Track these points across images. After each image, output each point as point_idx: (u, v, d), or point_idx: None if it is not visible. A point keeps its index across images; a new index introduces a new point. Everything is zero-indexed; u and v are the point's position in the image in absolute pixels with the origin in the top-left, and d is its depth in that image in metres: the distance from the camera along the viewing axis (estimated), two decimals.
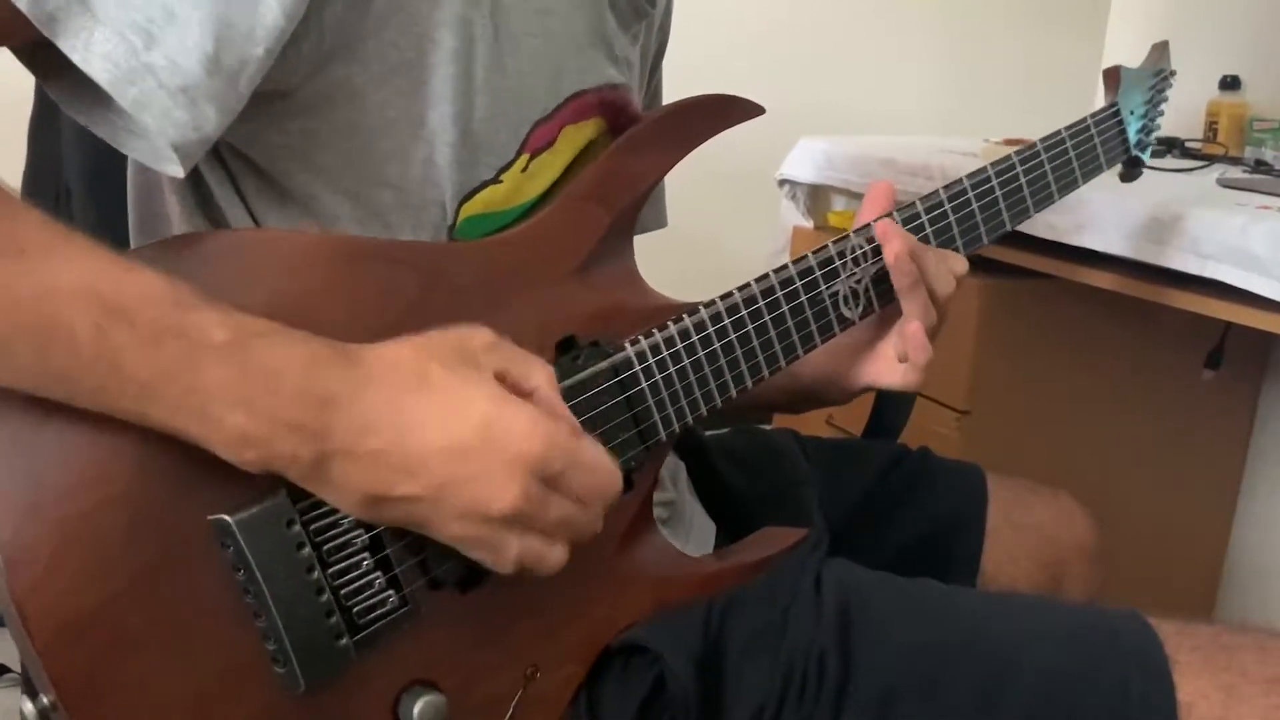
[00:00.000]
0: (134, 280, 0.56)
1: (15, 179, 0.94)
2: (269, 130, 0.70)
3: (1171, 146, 1.81)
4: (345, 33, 0.67)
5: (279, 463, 0.57)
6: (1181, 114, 1.15)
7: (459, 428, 0.59)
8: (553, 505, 0.61)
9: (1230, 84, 1.99)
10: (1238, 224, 1.20)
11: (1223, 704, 0.74)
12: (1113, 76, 1.07)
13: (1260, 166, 1.70)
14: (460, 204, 0.74)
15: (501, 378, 0.62)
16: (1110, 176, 1.03)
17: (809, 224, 1.98)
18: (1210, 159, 1.76)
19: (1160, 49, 1.15)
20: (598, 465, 0.63)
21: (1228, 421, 1.88)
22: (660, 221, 0.97)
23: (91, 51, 0.58)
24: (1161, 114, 1.13)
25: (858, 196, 1.87)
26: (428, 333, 0.62)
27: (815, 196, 1.98)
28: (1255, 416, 1.89)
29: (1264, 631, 0.79)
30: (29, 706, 0.57)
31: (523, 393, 0.62)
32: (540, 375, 0.63)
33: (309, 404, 0.57)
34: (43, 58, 0.60)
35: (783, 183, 1.99)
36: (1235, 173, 1.65)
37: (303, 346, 0.58)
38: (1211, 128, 1.96)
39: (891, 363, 0.88)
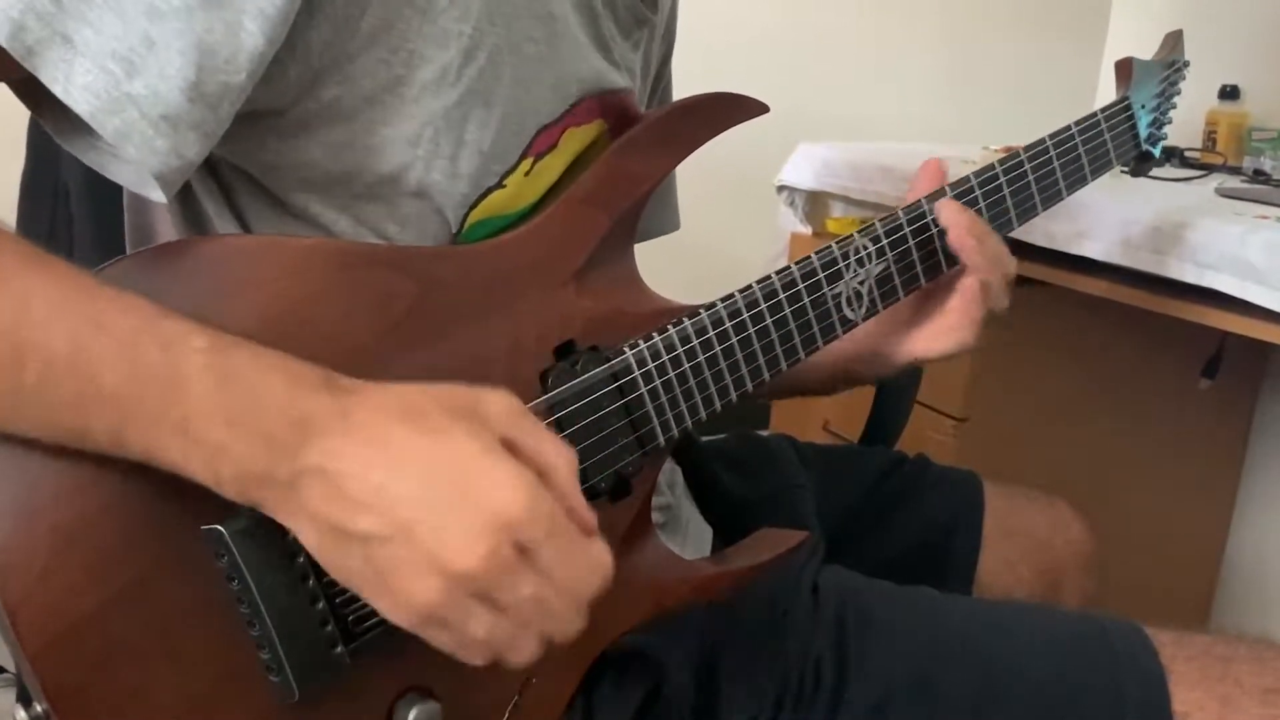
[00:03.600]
0: (111, 293, 0.56)
1: (14, 179, 0.94)
2: (261, 149, 0.70)
3: (1170, 155, 1.81)
4: (333, 54, 0.66)
5: (254, 483, 0.55)
6: (1180, 123, 1.14)
7: (439, 473, 0.54)
8: (524, 579, 0.54)
9: (1229, 93, 1.99)
10: (1236, 233, 1.20)
11: (1218, 714, 0.74)
12: (1124, 69, 1.05)
13: (1259, 176, 1.71)
14: (467, 212, 0.73)
15: (510, 445, 0.56)
16: (1109, 185, 1.03)
17: (807, 230, 1.98)
18: (1209, 168, 1.76)
19: (1174, 38, 1.12)
20: (585, 551, 0.57)
21: (1224, 430, 1.88)
22: (673, 224, 0.97)
23: (73, 83, 0.57)
24: (1174, 106, 1.11)
25: (856, 203, 1.87)
26: (446, 385, 0.58)
27: (814, 203, 1.97)
28: (1251, 425, 1.90)
29: (1260, 642, 0.79)
30: (23, 714, 0.57)
31: (533, 467, 0.56)
32: (558, 455, 0.57)
33: (288, 421, 0.55)
34: (32, 90, 0.60)
35: (781, 189, 1.99)
36: (1234, 182, 1.65)
37: (283, 363, 0.56)
38: (1210, 137, 1.96)
39: (941, 329, 0.87)
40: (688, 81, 0.98)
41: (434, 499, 0.54)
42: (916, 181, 0.89)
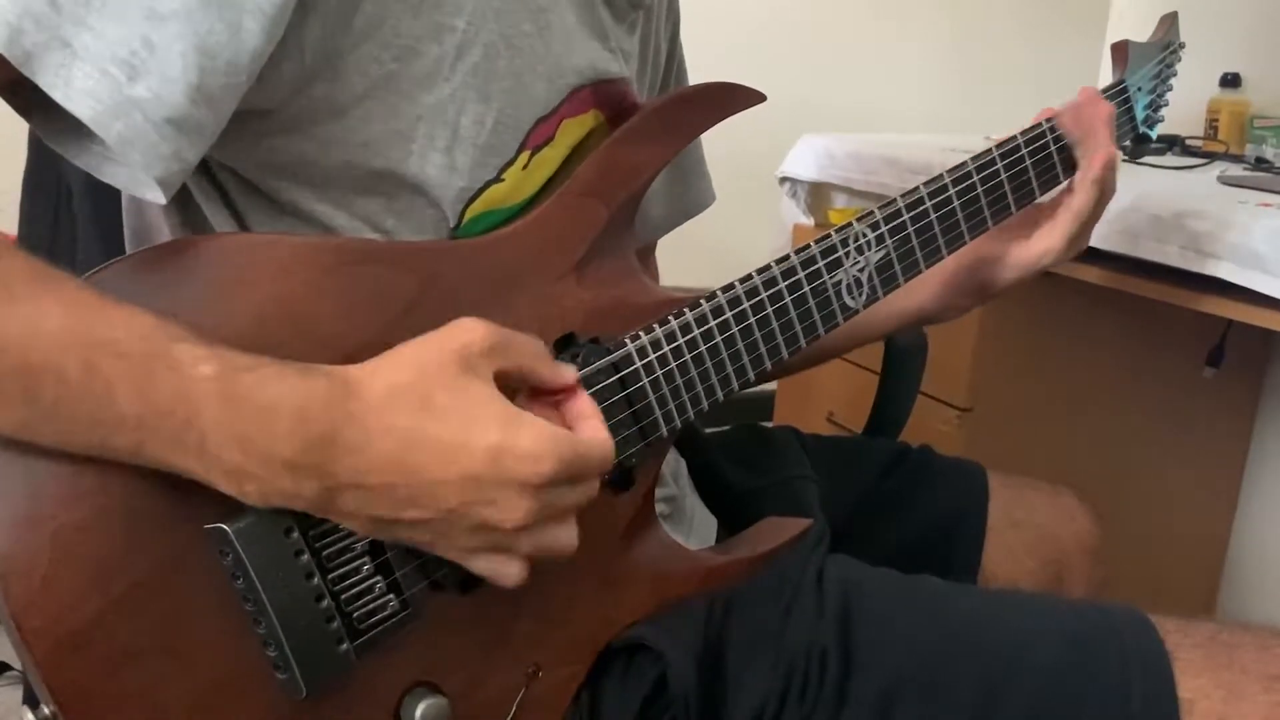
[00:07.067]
0: (121, 314, 0.56)
1: (16, 178, 0.94)
2: (254, 148, 0.69)
3: (1172, 144, 1.81)
4: (326, 51, 0.66)
5: (280, 497, 0.57)
6: (1182, 111, 1.15)
7: (469, 458, 0.57)
8: (565, 499, 0.61)
9: (1231, 81, 1.99)
10: (1239, 222, 1.20)
11: (1224, 701, 0.74)
12: (1120, 52, 1.06)
13: (1261, 164, 1.70)
14: (465, 206, 0.73)
15: (504, 376, 0.61)
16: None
17: (810, 221, 1.98)
18: (1211, 156, 1.76)
19: (1169, 20, 1.12)
20: (598, 452, 0.63)
21: (1229, 419, 1.88)
22: (710, 197, 1.00)
23: (73, 88, 0.57)
24: (1170, 88, 1.12)
25: (859, 194, 1.86)
26: (424, 338, 0.60)
27: (816, 194, 1.97)
28: (1256, 414, 1.89)
29: (1265, 629, 0.79)
30: (31, 717, 0.57)
31: (526, 384, 0.63)
32: (535, 360, 0.63)
33: (308, 444, 0.56)
34: (20, 94, 0.59)
35: (784, 180, 1.99)
36: (1236, 170, 1.65)
37: (293, 381, 0.57)
38: (1212, 125, 1.96)
39: (1036, 237, 0.95)
40: (691, 73, 0.98)
41: (473, 483, 0.58)
42: None
